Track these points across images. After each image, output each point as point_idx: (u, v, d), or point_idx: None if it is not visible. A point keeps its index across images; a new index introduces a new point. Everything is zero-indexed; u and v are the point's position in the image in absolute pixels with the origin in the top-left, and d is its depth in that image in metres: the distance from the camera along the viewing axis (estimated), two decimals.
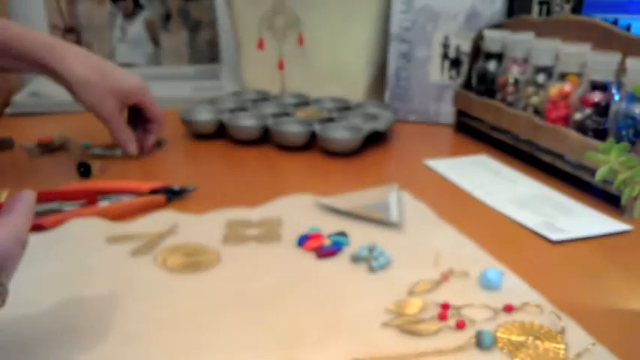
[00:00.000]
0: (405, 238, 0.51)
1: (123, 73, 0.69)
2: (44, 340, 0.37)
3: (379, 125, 0.78)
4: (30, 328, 0.38)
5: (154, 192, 0.59)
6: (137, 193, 0.59)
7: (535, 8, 0.86)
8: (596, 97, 0.60)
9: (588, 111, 0.60)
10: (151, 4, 1.28)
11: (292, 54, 0.98)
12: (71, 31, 1.26)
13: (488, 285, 0.43)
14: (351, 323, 0.39)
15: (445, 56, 0.88)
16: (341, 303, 0.41)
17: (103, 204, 0.56)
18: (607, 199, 0.59)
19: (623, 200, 0.36)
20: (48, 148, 0.75)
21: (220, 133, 0.81)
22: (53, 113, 0.97)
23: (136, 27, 1.29)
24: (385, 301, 0.41)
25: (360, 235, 0.51)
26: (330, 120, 0.81)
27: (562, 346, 0.36)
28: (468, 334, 0.37)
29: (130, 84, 0.68)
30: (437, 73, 0.89)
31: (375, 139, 0.80)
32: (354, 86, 0.96)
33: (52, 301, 0.41)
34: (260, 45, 0.98)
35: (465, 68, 0.86)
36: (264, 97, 0.94)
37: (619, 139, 0.56)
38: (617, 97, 0.59)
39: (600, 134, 0.60)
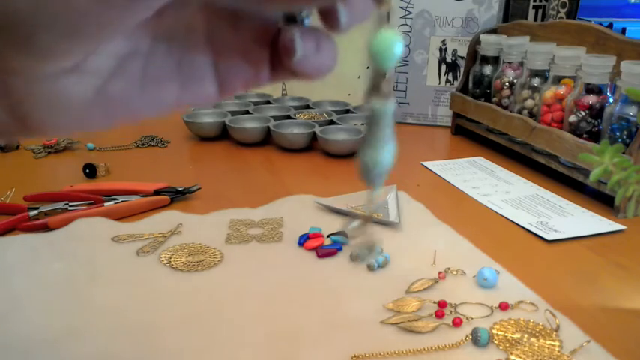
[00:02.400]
0: (403, 238, 0.52)
1: None
2: (50, 339, 0.37)
3: None
4: (36, 326, 0.39)
5: (158, 193, 0.60)
6: (142, 193, 0.60)
7: (531, 13, 0.88)
8: (591, 99, 0.60)
9: (583, 113, 0.61)
10: None
11: None
12: None
13: (484, 283, 0.43)
14: (351, 321, 0.39)
15: (442, 60, 0.89)
16: (340, 301, 0.42)
17: (109, 204, 0.57)
18: (601, 199, 0.60)
19: (617, 201, 0.36)
20: (53, 149, 0.76)
21: (223, 135, 0.83)
22: None
23: None
24: (383, 300, 0.41)
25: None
26: (331, 122, 0.82)
27: (557, 343, 0.37)
28: (465, 331, 0.38)
29: None
30: (434, 76, 0.90)
31: None
32: (354, 90, 0.97)
33: (58, 299, 0.42)
34: None
35: (461, 72, 0.88)
36: (266, 101, 0.95)
37: (613, 141, 0.57)
38: (611, 100, 0.60)
39: (594, 136, 0.61)
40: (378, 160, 0.19)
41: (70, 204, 0.57)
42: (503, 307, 0.41)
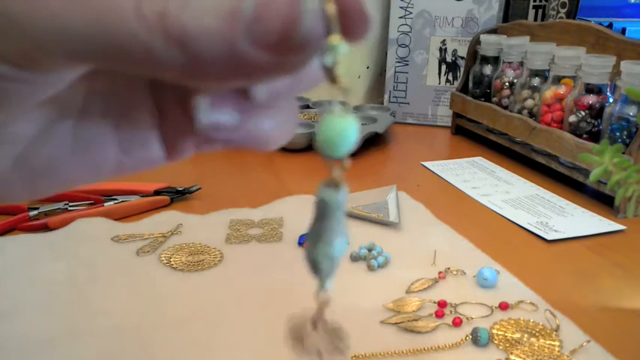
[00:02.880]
0: (403, 238, 0.52)
1: None
2: (50, 340, 0.37)
3: (378, 127, 0.79)
4: (36, 327, 0.39)
5: (158, 193, 0.60)
6: (142, 193, 0.60)
7: (531, 13, 0.88)
8: (591, 99, 0.60)
9: (583, 113, 0.61)
10: None
11: None
12: None
13: (484, 283, 0.43)
14: (351, 321, 0.39)
15: (442, 60, 0.89)
16: (341, 301, 0.41)
17: (109, 204, 0.57)
18: (601, 199, 0.60)
19: (617, 201, 0.36)
20: None
21: None
22: None
23: None
24: (384, 300, 0.41)
25: (359, 235, 0.51)
26: None
27: (557, 343, 0.37)
28: (465, 331, 0.38)
29: None
30: (434, 76, 0.90)
31: (374, 141, 0.81)
32: (354, 89, 0.97)
33: (58, 299, 0.42)
34: None
35: (461, 72, 0.88)
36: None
37: (613, 141, 0.57)
38: (611, 100, 0.60)
39: (594, 136, 0.61)
40: (329, 255, 0.16)
41: (70, 204, 0.57)
42: (503, 307, 0.41)
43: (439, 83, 0.90)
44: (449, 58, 0.89)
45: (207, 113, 0.16)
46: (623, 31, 1.01)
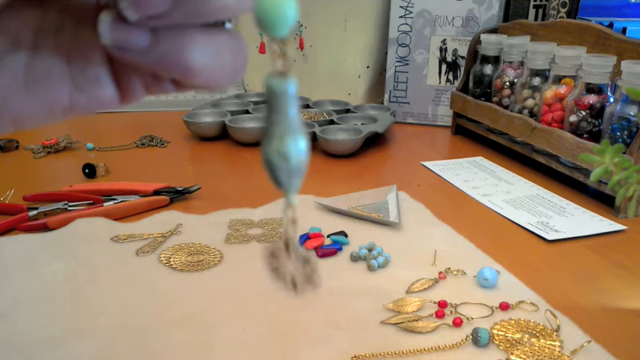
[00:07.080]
0: (403, 238, 0.52)
1: None
2: (50, 339, 0.37)
3: (378, 127, 0.78)
4: (36, 326, 0.39)
5: (157, 193, 0.60)
6: (141, 193, 0.60)
7: (531, 12, 0.88)
8: (591, 99, 0.60)
9: (583, 113, 0.61)
10: None
11: (293, 58, 0.99)
12: None
13: (484, 283, 0.43)
14: (351, 321, 0.39)
15: (443, 60, 0.89)
16: (341, 301, 0.42)
17: (108, 204, 0.57)
18: (602, 199, 0.60)
19: (618, 201, 0.36)
20: (53, 149, 0.76)
21: (223, 135, 0.82)
22: None
23: None
24: (384, 300, 0.41)
25: (359, 235, 0.51)
26: (331, 122, 0.82)
27: (557, 343, 0.37)
28: (465, 331, 0.38)
29: None
30: (434, 76, 0.90)
31: (375, 141, 0.80)
32: (354, 89, 0.97)
33: (58, 299, 0.42)
34: (261, 49, 0.99)
35: (462, 71, 0.88)
36: (265, 100, 0.95)
37: (613, 141, 0.57)
38: (611, 99, 0.60)
39: (595, 136, 0.61)
40: (285, 152, 0.15)
41: (70, 204, 0.56)
42: (504, 307, 0.41)
43: (439, 83, 0.90)
44: (449, 58, 0.89)
45: (112, 29, 0.15)
46: (624, 30, 1.01)
